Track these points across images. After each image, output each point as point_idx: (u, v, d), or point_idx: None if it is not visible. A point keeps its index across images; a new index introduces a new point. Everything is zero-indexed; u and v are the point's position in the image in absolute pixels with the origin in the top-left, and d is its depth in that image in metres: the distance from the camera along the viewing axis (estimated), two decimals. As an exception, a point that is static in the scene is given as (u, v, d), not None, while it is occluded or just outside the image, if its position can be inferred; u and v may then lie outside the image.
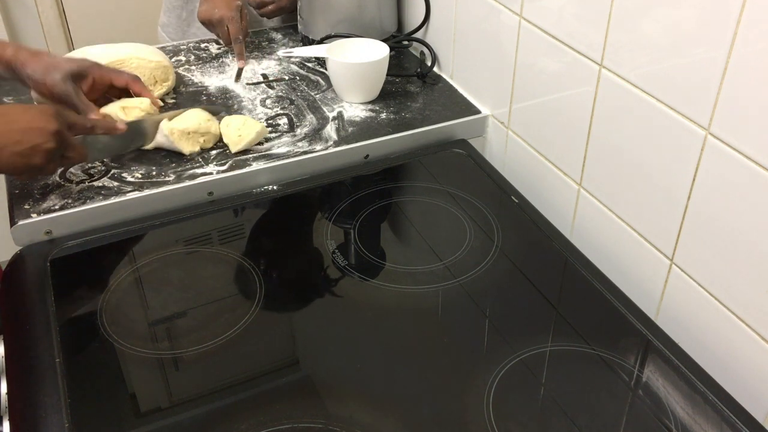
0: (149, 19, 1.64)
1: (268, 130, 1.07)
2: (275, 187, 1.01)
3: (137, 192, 0.95)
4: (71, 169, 0.98)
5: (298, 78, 1.24)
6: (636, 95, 0.81)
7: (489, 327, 0.82)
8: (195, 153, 1.01)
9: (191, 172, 0.99)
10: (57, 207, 0.92)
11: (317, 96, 1.18)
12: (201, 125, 1.01)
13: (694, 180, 0.76)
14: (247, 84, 1.21)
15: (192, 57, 1.30)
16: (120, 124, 0.95)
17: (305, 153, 1.03)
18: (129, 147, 1.00)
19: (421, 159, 1.09)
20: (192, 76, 1.24)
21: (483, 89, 1.15)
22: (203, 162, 1.01)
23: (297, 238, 0.97)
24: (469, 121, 1.13)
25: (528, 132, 1.04)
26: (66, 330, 0.79)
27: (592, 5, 0.84)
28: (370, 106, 1.16)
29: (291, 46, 1.35)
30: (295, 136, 1.07)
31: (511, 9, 0.99)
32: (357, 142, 1.06)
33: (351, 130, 1.10)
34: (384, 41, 1.18)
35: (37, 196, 0.94)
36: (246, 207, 1.00)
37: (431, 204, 1.02)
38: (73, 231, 0.92)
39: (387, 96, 1.18)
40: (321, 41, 1.26)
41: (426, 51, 1.28)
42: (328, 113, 1.14)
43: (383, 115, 1.13)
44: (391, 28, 1.32)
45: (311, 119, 1.12)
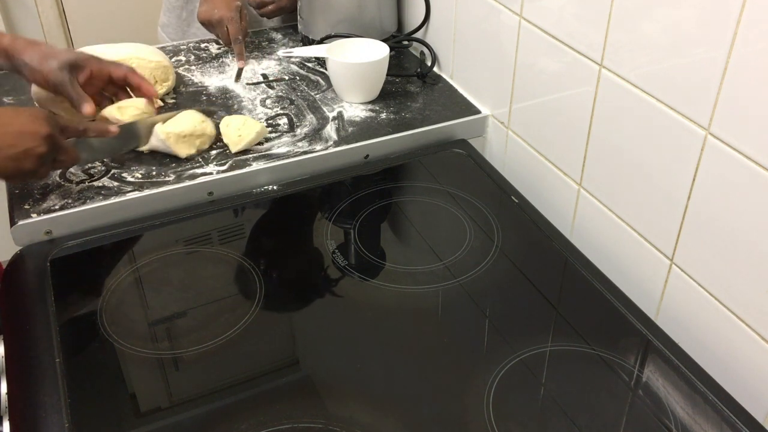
0: (149, 19, 1.65)
1: (268, 130, 1.07)
2: (275, 187, 1.01)
3: (137, 192, 0.95)
4: (71, 169, 0.98)
5: (298, 78, 1.24)
6: (636, 95, 0.81)
7: (489, 327, 0.82)
8: (191, 156, 1.01)
9: (191, 172, 0.99)
10: (57, 207, 0.92)
11: (317, 96, 1.18)
12: (196, 127, 1.00)
13: (694, 180, 0.76)
14: (247, 84, 1.21)
15: (192, 57, 1.30)
16: (112, 126, 0.94)
17: (305, 153, 1.03)
18: (122, 149, 0.99)
19: (421, 159, 1.09)
20: (192, 76, 1.24)
21: (483, 89, 1.15)
22: (203, 162, 1.01)
23: (297, 238, 0.97)
24: (469, 121, 1.13)
25: (528, 132, 1.04)
26: (66, 330, 0.79)
27: (592, 5, 0.84)
28: (370, 106, 1.16)
29: (291, 46, 1.35)
30: (295, 136, 1.07)
31: (511, 9, 0.99)
32: (357, 142, 1.06)
33: (351, 130, 1.10)
34: (384, 41, 1.18)
35: (37, 196, 0.94)
36: (246, 207, 1.00)
37: (431, 204, 1.02)
38: (73, 231, 0.92)
39: (387, 96, 1.18)
40: (321, 41, 1.26)
41: (426, 51, 1.28)
42: (328, 113, 1.14)
43: (383, 115, 1.13)
44: (391, 28, 1.32)
45: (311, 119, 1.12)
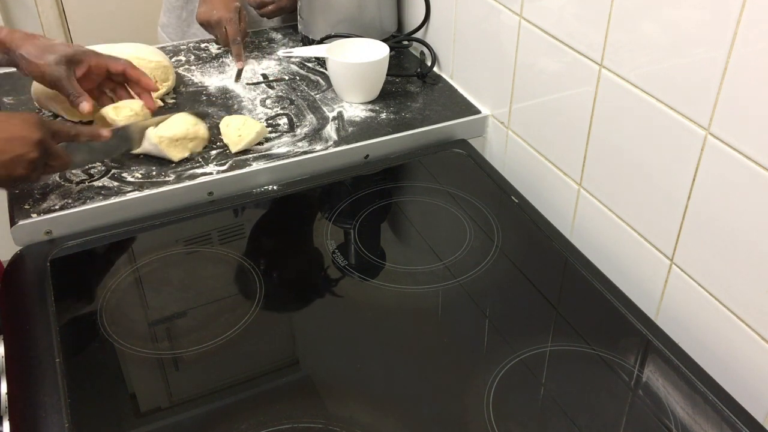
0: (149, 19, 1.65)
1: (268, 130, 1.07)
2: (275, 187, 1.01)
3: (137, 192, 0.95)
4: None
5: (298, 78, 1.24)
6: (636, 95, 0.81)
7: (489, 327, 0.82)
8: (185, 159, 1.01)
9: (191, 172, 0.99)
10: (57, 207, 0.92)
11: (317, 96, 1.18)
12: (189, 131, 1.00)
13: (694, 180, 0.76)
14: (247, 84, 1.21)
15: (192, 57, 1.30)
16: (105, 130, 0.93)
17: (305, 153, 1.03)
18: (114, 153, 0.98)
19: (421, 159, 1.09)
20: (192, 76, 1.24)
21: (483, 89, 1.15)
22: (203, 162, 1.01)
23: (297, 238, 0.97)
24: (469, 121, 1.13)
25: (528, 132, 1.04)
26: (66, 330, 0.79)
27: (592, 5, 0.84)
28: (370, 106, 1.16)
29: (291, 46, 1.35)
30: (295, 136, 1.07)
31: (511, 9, 0.99)
32: (357, 142, 1.06)
33: (351, 130, 1.10)
34: (384, 41, 1.18)
35: (37, 196, 0.94)
36: (246, 207, 1.00)
37: (431, 204, 1.02)
38: (73, 231, 0.92)
39: (387, 96, 1.18)
40: (321, 41, 1.26)
41: (426, 51, 1.28)
42: (328, 113, 1.14)
43: (383, 115, 1.13)
44: (391, 28, 1.32)
45: (311, 119, 1.12)
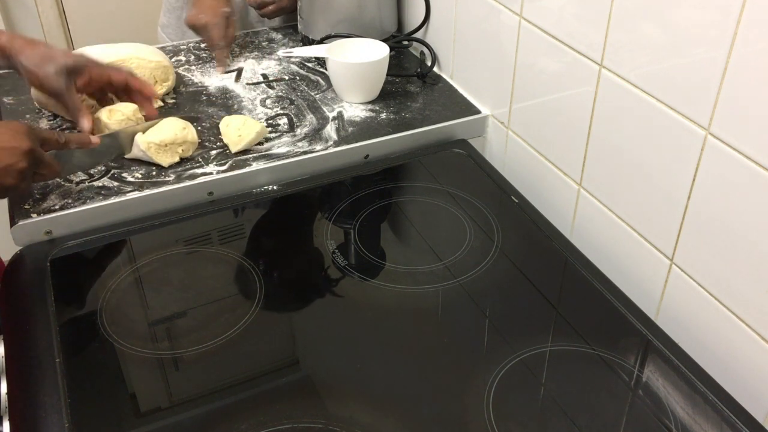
0: (149, 20, 1.65)
1: (268, 130, 1.07)
2: (275, 187, 1.01)
3: (137, 192, 0.95)
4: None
5: (298, 78, 1.24)
6: (636, 95, 0.81)
7: (489, 327, 0.82)
8: (185, 159, 1.01)
9: (191, 172, 0.99)
10: (57, 207, 0.92)
11: (317, 96, 1.18)
12: (177, 135, 0.99)
13: (694, 180, 0.76)
14: (247, 84, 1.21)
15: (192, 57, 1.30)
16: (94, 138, 0.94)
17: (305, 153, 1.03)
18: (104, 159, 0.98)
19: (421, 159, 1.09)
20: (192, 76, 1.24)
21: (483, 89, 1.14)
22: (203, 162, 1.01)
23: (297, 238, 0.97)
24: (469, 121, 1.13)
25: (528, 132, 1.04)
26: (66, 330, 0.79)
27: (592, 5, 0.84)
28: (370, 106, 1.16)
29: (291, 46, 1.35)
30: (295, 136, 1.07)
31: (511, 9, 0.99)
32: (357, 142, 1.06)
33: (351, 130, 1.10)
34: (384, 41, 1.18)
35: (37, 196, 0.94)
36: (246, 207, 1.00)
37: (431, 204, 1.02)
38: (73, 231, 0.92)
39: (387, 96, 1.18)
40: (321, 41, 1.26)
41: (426, 51, 1.28)
42: (328, 113, 1.14)
43: (383, 115, 1.13)
44: (391, 28, 1.32)
45: (311, 119, 1.12)
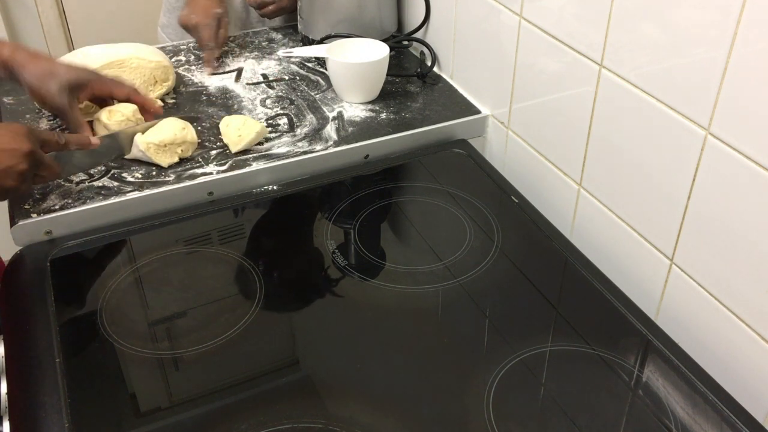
0: (149, 19, 1.65)
1: (268, 130, 1.07)
2: (275, 187, 1.01)
3: (137, 192, 0.95)
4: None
5: (298, 78, 1.24)
6: (636, 95, 0.81)
7: (489, 327, 0.82)
8: (185, 159, 1.01)
9: (191, 172, 0.99)
10: (57, 207, 0.92)
11: (317, 96, 1.18)
12: (177, 136, 0.98)
13: (694, 180, 0.76)
14: (247, 84, 1.21)
15: (192, 57, 1.30)
16: (94, 139, 0.94)
17: (305, 153, 1.03)
18: (104, 160, 0.98)
19: (421, 159, 1.09)
20: (192, 76, 1.24)
21: (483, 89, 1.14)
22: (203, 162, 1.01)
23: (297, 238, 0.97)
24: (469, 121, 1.13)
25: (528, 132, 1.04)
26: (66, 330, 0.79)
27: (592, 5, 0.84)
28: (370, 106, 1.16)
29: (291, 46, 1.35)
30: (295, 136, 1.07)
31: (511, 9, 0.99)
32: (357, 142, 1.06)
33: (351, 130, 1.10)
34: (384, 41, 1.18)
35: (37, 196, 0.94)
36: (246, 207, 1.00)
37: (431, 204, 1.02)
38: (73, 231, 0.92)
39: (387, 96, 1.18)
40: (321, 41, 1.26)
41: (426, 51, 1.28)
42: (328, 113, 1.14)
43: (383, 115, 1.13)
44: (391, 28, 1.32)
45: (311, 119, 1.12)
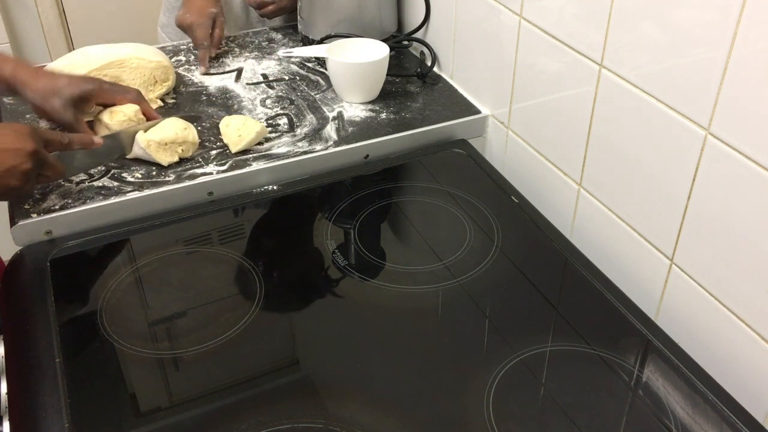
0: (149, 19, 1.65)
1: (268, 130, 1.07)
2: (275, 187, 1.01)
3: (137, 192, 0.95)
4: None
5: (298, 78, 1.24)
6: (636, 95, 0.81)
7: (489, 327, 0.82)
8: (185, 159, 1.01)
9: (191, 172, 0.99)
10: (57, 207, 0.92)
11: (317, 96, 1.18)
12: (178, 135, 0.99)
13: (694, 180, 0.76)
14: (247, 84, 1.21)
15: (192, 57, 1.30)
16: (97, 138, 0.94)
17: (305, 153, 1.03)
18: (106, 159, 0.98)
19: (421, 159, 1.09)
20: (192, 76, 1.24)
21: (483, 89, 1.14)
22: (203, 162, 1.01)
23: (297, 238, 0.97)
24: (469, 121, 1.13)
25: (528, 132, 1.04)
26: (66, 330, 0.79)
27: (592, 5, 0.84)
28: (370, 106, 1.16)
29: (291, 46, 1.35)
30: (295, 136, 1.07)
31: (511, 9, 0.99)
32: (357, 142, 1.06)
33: (351, 130, 1.10)
34: (384, 41, 1.18)
35: (37, 196, 0.94)
36: (246, 207, 1.00)
37: (431, 204, 1.02)
38: (73, 231, 0.92)
39: (387, 96, 1.18)
40: (321, 41, 1.26)
41: (426, 51, 1.28)
42: (328, 113, 1.14)
43: (383, 115, 1.13)
44: (391, 28, 1.32)
45: (311, 119, 1.12)
